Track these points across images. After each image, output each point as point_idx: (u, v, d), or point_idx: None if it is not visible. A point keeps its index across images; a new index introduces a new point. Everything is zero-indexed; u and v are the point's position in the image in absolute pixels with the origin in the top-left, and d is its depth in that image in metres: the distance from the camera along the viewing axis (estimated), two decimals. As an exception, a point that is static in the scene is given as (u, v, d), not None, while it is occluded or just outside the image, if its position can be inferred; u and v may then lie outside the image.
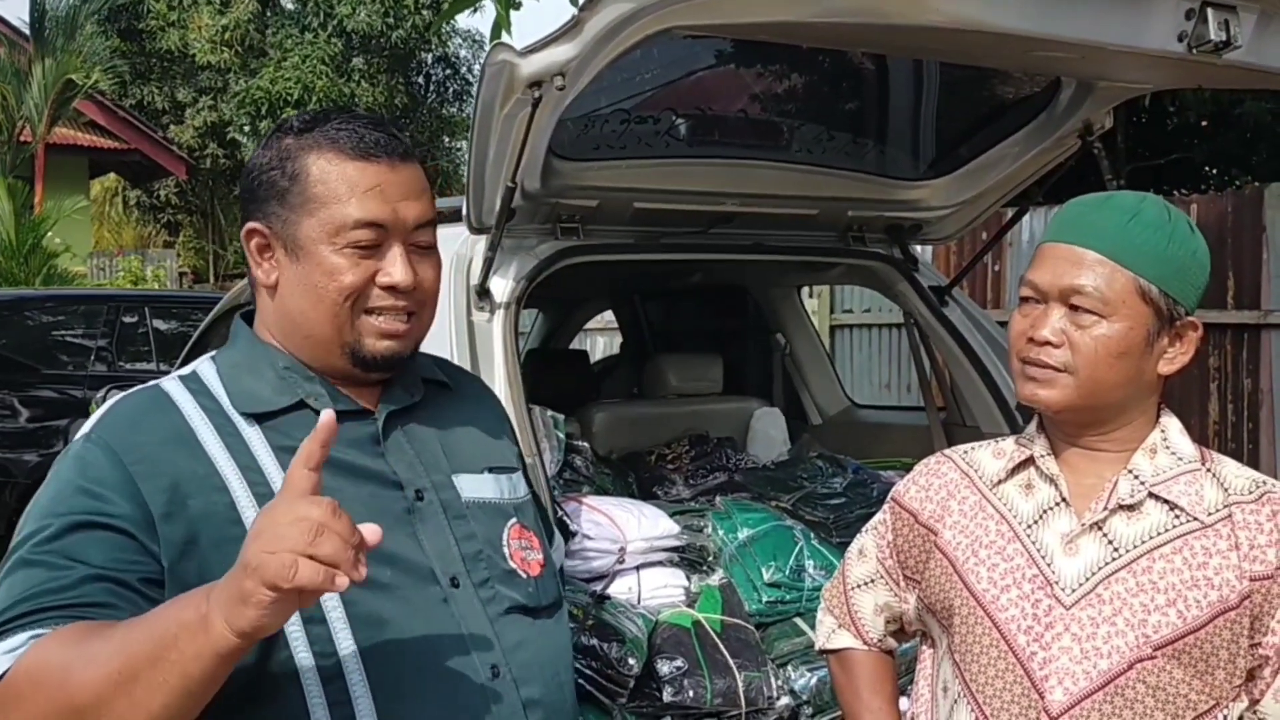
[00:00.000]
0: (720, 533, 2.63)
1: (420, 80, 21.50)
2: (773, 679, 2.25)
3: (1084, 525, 1.32)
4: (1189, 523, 1.30)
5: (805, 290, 5.99)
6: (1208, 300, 6.76)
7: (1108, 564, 1.30)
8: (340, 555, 0.95)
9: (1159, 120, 9.87)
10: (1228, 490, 1.32)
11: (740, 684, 2.19)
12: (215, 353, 1.32)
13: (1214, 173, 10.46)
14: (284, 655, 1.11)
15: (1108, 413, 1.33)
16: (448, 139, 21.34)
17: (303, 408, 1.25)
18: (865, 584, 1.56)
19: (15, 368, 6.89)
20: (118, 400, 1.24)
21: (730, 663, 2.22)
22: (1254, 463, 6.29)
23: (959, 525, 1.41)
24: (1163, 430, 1.36)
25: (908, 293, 3.23)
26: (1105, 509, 1.32)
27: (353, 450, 1.24)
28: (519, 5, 3.83)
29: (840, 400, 4.17)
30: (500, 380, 2.30)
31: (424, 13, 18.51)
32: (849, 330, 8.63)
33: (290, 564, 0.93)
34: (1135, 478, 1.32)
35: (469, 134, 2.20)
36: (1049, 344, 1.30)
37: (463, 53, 21.46)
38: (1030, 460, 1.39)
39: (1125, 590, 1.28)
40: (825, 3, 1.94)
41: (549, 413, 2.76)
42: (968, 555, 1.38)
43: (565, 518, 2.36)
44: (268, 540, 0.95)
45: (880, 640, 1.57)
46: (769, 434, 3.70)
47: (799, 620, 2.43)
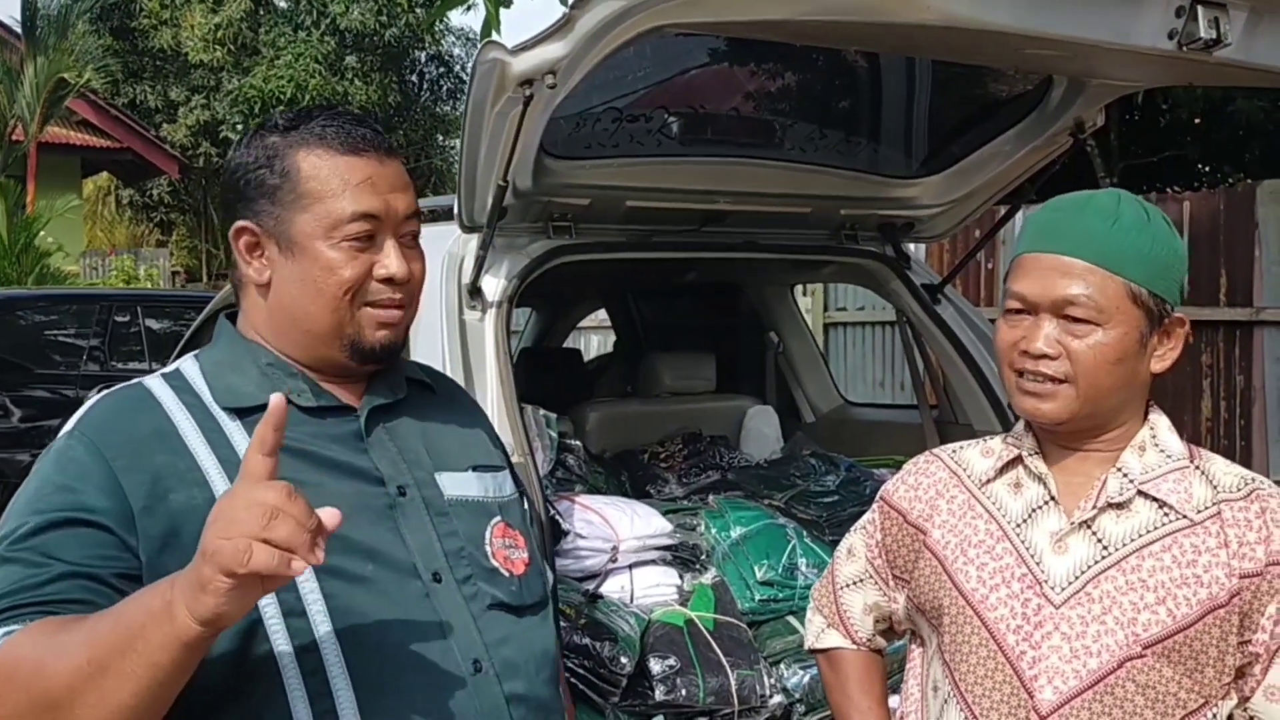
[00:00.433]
0: (713, 531, 2.63)
1: (414, 79, 21.45)
2: (765, 677, 2.25)
3: (1073, 524, 1.32)
4: (1178, 520, 1.30)
5: (799, 288, 6.00)
6: (1200, 297, 6.80)
7: (1097, 562, 1.30)
8: (296, 539, 0.94)
9: (1152, 118, 9.88)
10: (1216, 488, 1.31)
11: (733, 682, 2.19)
12: (198, 351, 1.32)
13: (1206, 170, 10.47)
14: (264, 649, 1.11)
15: (1105, 417, 1.32)
16: (441, 137, 21.30)
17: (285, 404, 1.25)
18: (854, 583, 1.56)
19: (7, 367, 6.88)
20: (101, 397, 1.24)
21: (723, 661, 2.22)
22: (1246, 459, 6.30)
23: (948, 525, 1.41)
24: (1151, 428, 1.35)
25: (900, 291, 3.23)
26: (1094, 507, 1.31)
27: (335, 446, 1.24)
28: (509, 3, 3.82)
29: (834, 398, 4.17)
30: (492, 379, 2.30)
31: (417, 11, 18.47)
32: (843, 328, 8.64)
33: (244, 549, 0.92)
34: (1124, 476, 1.32)
35: (460, 132, 2.20)
36: (1046, 356, 1.29)
37: (456, 51, 21.46)
38: (1019, 459, 1.39)
39: (1115, 589, 1.28)
40: (816, 0, 1.94)
41: (541, 411, 2.76)
42: (957, 555, 1.38)
43: (558, 517, 2.36)
44: (222, 526, 0.94)
45: (869, 639, 1.57)
46: (762, 432, 3.70)
47: (792, 618, 2.44)
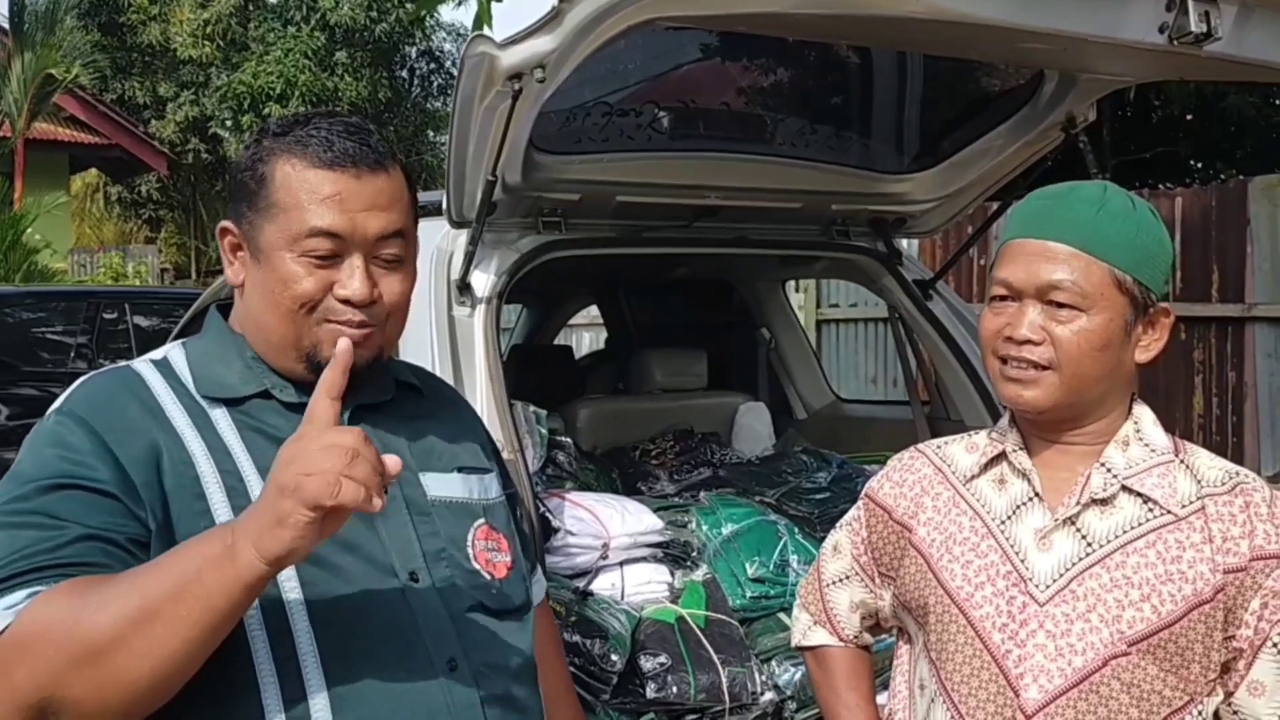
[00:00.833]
0: (704, 528, 2.63)
1: (404, 74, 21.37)
2: (757, 674, 2.24)
3: (1057, 520, 1.31)
4: (1162, 516, 1.29)
5: (791, 284, 5.99)
6: (1192, 294, 6.82)
7: (1081, 559, 1.29)
8: (372, 480, 1.00)
9: (1144, 114, 9.91)
10: (1200, 482, 1.31)
11: (724, 679, 2.18)
12: (186, 340, 1.32)
13: (1199, 166, 10.51)
14: (237, 632, 1.10)
15: (1088, 407, 1.32)
16: (432, 133, 21.21)
17: (267, 397, 1.26)
18: (840, 580, 1.55)
19: (-6, 365, 6.84)
20: (88, 377, 1.24)
21: (714, 658, 2.22)
22: (1238, 455, 6.32)
23: (933, 522, 1.40)
24: (1135, 421, 1.35)
25: (892, 286, 3.23)
26: (1078, 503, 1.31)
27: None
28: (501, -2, 3.80)
29: (826, 395, 4.17)
30: (481, 376, 2.28)
31: (407, 6, 18.39)
32: (835, 325, 8.65)
33: (335, 483, 0.98)
34: (1108, 471, 1.31)
35: (449, 127, 2.19)
36: (1030, 341, 1.29)
37: (447, 46, 21.35)
38: (1003, 455, 1.38)
39: (1099, 586, 1.27)
40: (805, -6, 1.93)
41: (531, 408, 2.74)
42: (942, 552, 1.37)
43: (548, 514, 2.34)
44: (303, 464, 0.99)
45: (856, 637, 1.56)
46: (754, 429, 3.70)
47: (783, 615, 2.43)
